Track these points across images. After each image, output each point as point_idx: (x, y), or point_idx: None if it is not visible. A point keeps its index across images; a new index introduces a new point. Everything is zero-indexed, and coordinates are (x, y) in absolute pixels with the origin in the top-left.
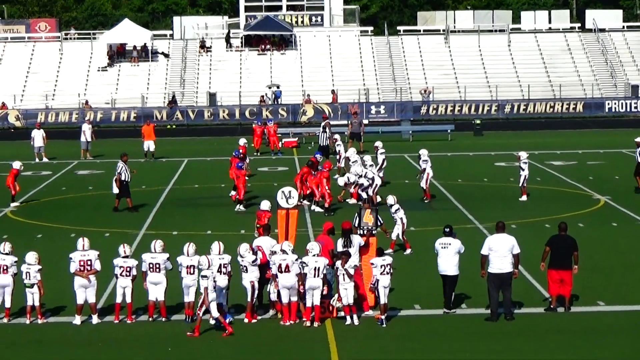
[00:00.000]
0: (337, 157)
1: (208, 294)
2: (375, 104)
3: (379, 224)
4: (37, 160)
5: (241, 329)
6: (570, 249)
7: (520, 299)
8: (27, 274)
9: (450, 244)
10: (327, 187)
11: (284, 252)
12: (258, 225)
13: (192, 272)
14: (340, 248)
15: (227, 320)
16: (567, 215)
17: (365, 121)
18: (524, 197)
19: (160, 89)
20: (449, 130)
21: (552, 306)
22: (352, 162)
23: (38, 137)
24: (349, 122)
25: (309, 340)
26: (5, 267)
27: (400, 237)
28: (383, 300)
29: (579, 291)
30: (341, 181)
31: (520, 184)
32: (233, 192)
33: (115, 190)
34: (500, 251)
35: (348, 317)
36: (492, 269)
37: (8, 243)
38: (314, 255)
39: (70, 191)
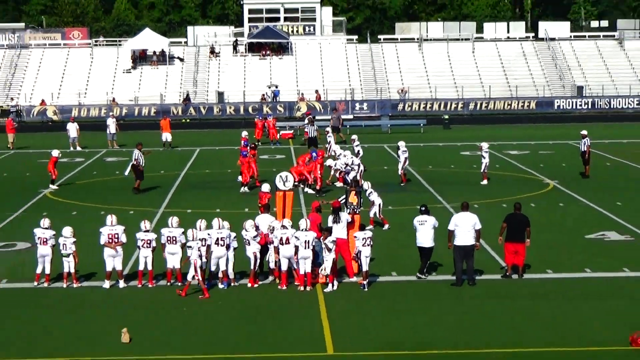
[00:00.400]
0: (328, 146)
1: (196, 261)
2: (359, 101)
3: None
4: (71, 149)
5: (245, 292)
6: (523, 225)
7: (481, 267)
8: (64, 245)
9: (426, 221)
10: (319, 173)
11: (284, 227)
12: (260, 205)
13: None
14: (330, 223)
15: (221, 286)
16: (521, 196)
17: (350, 116)
18: (485, 182)
19: (176, 88)
20: (421, 125)
21: (507, 274)
22: (339, 156)
23: (72, 129)
24: (330, 117)
25: (303, 300)
26: (45, 240)
27: (378, 215)
28: (365, 267)
29: (530, 261)
30: (332, 163)
31: (481, 170)
32: (240, 178)
33: (127, 172)
34: (465, 227)
35: (329, 285)
36: (457, 242)
37: (47, 219)
38: (303, 229)
39: (100, 175)
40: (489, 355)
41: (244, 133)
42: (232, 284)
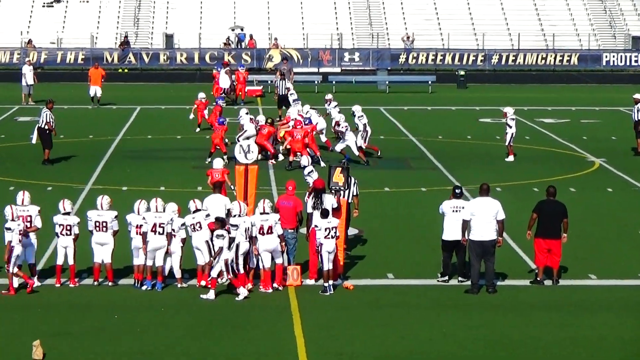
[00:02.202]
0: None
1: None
2: (348, 50)
3: (354, 193)
4: None
5: (196, 295)
6: (559, 216)
7: (504, 270)
8: None
9: (463, 207)
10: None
11: (265, 213)
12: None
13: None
14: (310, 209)
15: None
16: (557, 178)
17: (337, 69)
18: (511, 157)
19: (111, 29)
20: (429, 82)
21: (538, 278)
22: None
23: None
24: (278, 69)
25: (272, 308)
26: None
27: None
28: (327, 266)
29: (569, 263)
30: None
31: (506, 143)
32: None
33: (34, 139)
34: (484, 216)
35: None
36: (474, 235)
37: None
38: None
39: (9, 139)
40: None
41: (201, 95)
42: (180, 285)
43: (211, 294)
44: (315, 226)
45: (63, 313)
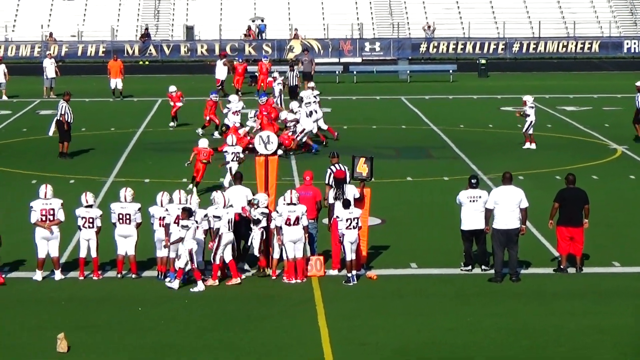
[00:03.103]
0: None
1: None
2: (369, 40)
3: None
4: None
5: (219, 287)
6: (580, 203)
7: (527, 258)
8: None
9: (480, 197)
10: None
11: (292, 203)
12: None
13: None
14: (331, 200)
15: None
16: (579, 166)
17: (358, 59)
18: (532, 145)
19: (132, 21)
20: (450, 71)
21: (562, 266)
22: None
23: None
24: (300, 60)
25: (295, 298)
26: None
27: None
28: (349, 256)
29: (592, 250)
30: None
31: (524, 130)
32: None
33: (51, 131)
34: (507, 205)
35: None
36: (497, 224)
37: None
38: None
39: (31, 133)
40: None
41: (172, 88)
42: (202, 279)
43: (175, 284)
44: (337, 217)
45: (87, 306)
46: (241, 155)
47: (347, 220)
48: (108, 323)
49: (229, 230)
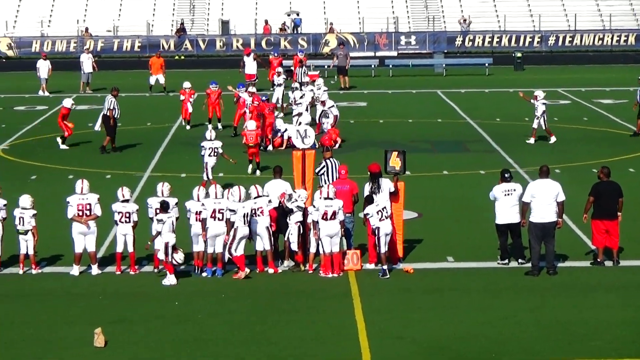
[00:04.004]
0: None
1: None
2: (405, 34)
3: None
4: (40, 93)
5: (255, 280)
6: (615, 196)
7: (564, 252)
8: (21, 219)
9: (514, 190)
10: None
11: (329, 198)
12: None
13: (201, 218)
14: (367, 194)
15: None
16: (616, 159)
17: (394, 53)
18: (531, 140)
19: (167, 16)
20: (486, 64)
21: (598, 259)
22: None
23: (44, 68)
24: (335, 54)
25: (332, 292)
26: None
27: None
28: (384, 248)
29: (629, 243)
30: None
31: (545, 127)
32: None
33: (97, 126)
34: (544, 198)
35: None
36: (534, 218)
37: None
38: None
39: None
40: None
41: (186, 84)
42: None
43: (172, 279)
44: (367, 214)
45: (124, 300)
46: (220, 151)
47: (377, 212)
48: (145, 317)
49: (244, 224)
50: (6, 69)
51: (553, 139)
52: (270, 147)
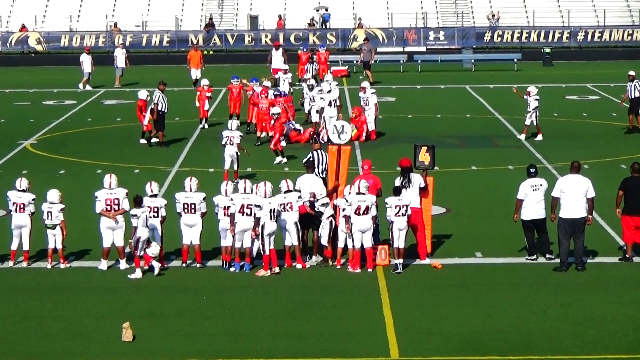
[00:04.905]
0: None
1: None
2: (433, 29)
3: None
4: (81, 87)
5: (283, 276)
6: None
7: (593, 247)
8: (49, 214)
9: (541, 185)
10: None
11: (361, 193)
12: None
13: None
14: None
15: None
16: None
17: (422, 48)
18: (521, 136)
19: (196, 11)
20: (515, 60)
21: (627, 255)
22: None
23: (87, 62)
24: (361, 49)
25: (360, 288)
26: (22, 206)
27: None
28: (397, 243)
29: None
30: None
31: (535, 123)
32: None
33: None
34: (574, 194)
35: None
36: (564, 213)
37: (25, 179)
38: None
39: (96, 122)
40: None
41: (204, 82)
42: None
43: (138, 273)
44: (386, 203)
45: (152, 294)
46: (236, 141)
47: (395, 207)
48: (173, 312)
49: (271, 219)
50: (35, 64)
51: (540, 137)
52: (259, 134)
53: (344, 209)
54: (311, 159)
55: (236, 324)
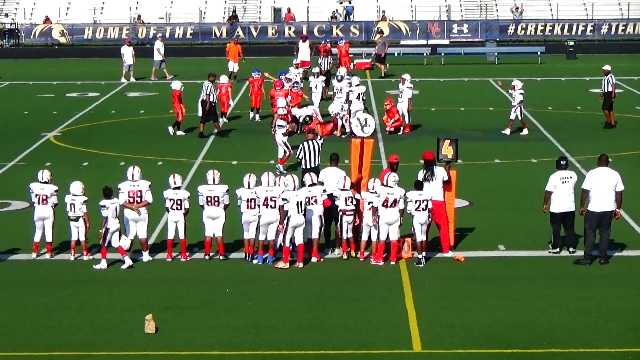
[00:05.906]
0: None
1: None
2: (457, 22)
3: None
4: (124, 80)
5: (306, 269)
6: None
7: (617, 241)
8: (72, 206)
9: (571, 177)
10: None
11: (388, 186)
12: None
13: (252, 206)
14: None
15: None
16: None
17: (446, 41)
18: (507, 131)
19: (219, 3)
20: (539, 53)
21: None
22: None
23: (128, 54)
24: (376, 42)
25: (382, 281)
26: (44, 197)
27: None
28: (419, 237)
29: None
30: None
31: (519, 117)
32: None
33: (200, 113)
34: (603, 187)
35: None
36: (592, 206)
37: (47, 171)
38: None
39: (120, 115)
40: (628, 357)
41: (223, 79)
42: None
43: (103, 264)
44: (406, 197)
45: (174, 287)
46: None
47: (416, 202)
48: (195, 304)
49: (298, 212)
50: (59, 56)
51: (525, 131)
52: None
53: (370, 202)
54: (300, 155)
55: (259, 316)
